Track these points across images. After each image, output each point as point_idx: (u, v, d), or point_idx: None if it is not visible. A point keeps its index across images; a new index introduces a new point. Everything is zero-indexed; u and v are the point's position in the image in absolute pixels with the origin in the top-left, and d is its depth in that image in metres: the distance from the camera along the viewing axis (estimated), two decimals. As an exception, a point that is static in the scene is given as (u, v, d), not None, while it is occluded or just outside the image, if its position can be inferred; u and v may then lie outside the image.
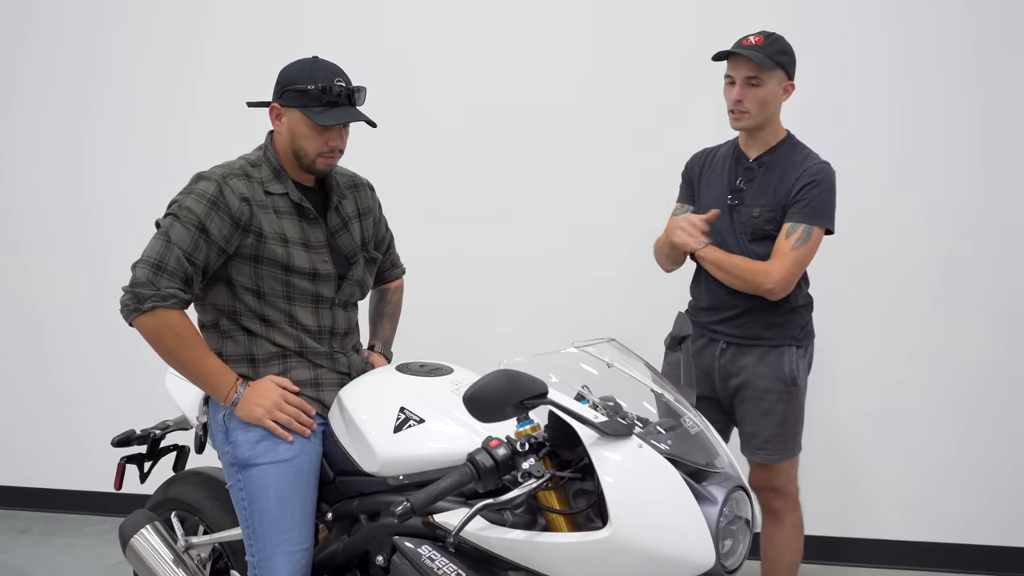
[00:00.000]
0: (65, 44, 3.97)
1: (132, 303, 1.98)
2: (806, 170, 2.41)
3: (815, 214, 2.39)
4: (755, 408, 2.49)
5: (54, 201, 4.04)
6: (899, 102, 3.22)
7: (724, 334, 2.51)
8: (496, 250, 3.57)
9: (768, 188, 2.45)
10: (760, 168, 2.48)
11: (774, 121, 2.48)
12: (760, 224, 2.44)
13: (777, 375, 2.47)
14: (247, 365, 2.13)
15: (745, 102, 2.40)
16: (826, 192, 2.41)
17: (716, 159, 2.59)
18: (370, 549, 1.96)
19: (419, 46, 3.60)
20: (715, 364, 2.53)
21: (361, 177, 2.37)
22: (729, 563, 1.63)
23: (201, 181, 2.06)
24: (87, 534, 3.86)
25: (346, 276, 2.21)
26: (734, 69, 2.42)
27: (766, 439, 2.50)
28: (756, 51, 2.37)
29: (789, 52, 2.44)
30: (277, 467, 2.04)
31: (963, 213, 3.19)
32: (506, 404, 1.54)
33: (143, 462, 2.60)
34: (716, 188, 2.54)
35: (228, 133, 3.44)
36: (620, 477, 1.56)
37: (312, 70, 2.07)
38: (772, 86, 2.40)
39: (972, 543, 3.29)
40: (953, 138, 3.18)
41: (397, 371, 2.14)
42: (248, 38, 3.75)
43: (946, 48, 3.17)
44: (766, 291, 2.40)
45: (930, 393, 3.27)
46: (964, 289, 3.22)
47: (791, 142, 2.51)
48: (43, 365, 4.08)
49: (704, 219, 2.44)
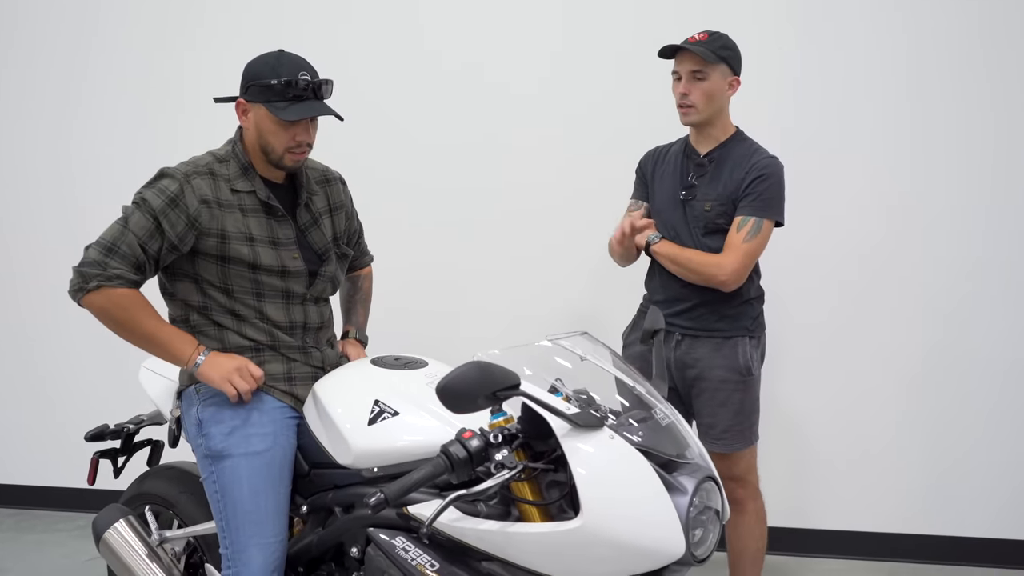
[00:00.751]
0: (51, 44, 3.94)
1: (78, 282, 2.01)
2: (755, 164, 2.48)
3: (765, 207, 2.46)
4: (712, 399, 2.55)
5: (41, 198, 4.01)
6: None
7: (679, 326, 2.56)
8: (470, 253, 3.60)
9: (719, 183, 2.51)
10: (711, 163, 2.54)
11: (723, 117, 2.55)
12: (712, 218, 2.50)
13: (732, 365, 2.53)
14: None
15: (691, 95, 2.47)
16: (775, 185, 2.48)
17: (669, 156, 2.66)
18: (344, 541, 1.97)
19: (412, 41, 3.61)
20: (671, 356, 2.58)
21: (332, 171, 2.36)
22: (699, 552, 1.65)
23: (164, 178, 2.06)
24: (59, 530, 3.83)
25: (318, 272, 2.21)
26: (679, 64, 2.50)
27: (724, 429, 2.55)
28: (699, 46, 2.45)
29: (733, 48, 2.51)
30: (250, 459, 2.05)
31: (899, 202, 3.27)
32: (478, 395, 1.56)
33: (117, 457, 2.58)
34: (668, 184, 2.60)
35: (214, 130, 3.44)
36: (592, 468, 1.58)
37: (276, 64, 2.05)
38: (716, 80, 2.47)
39: (942, 534, 3.35)
40: (923, 130, 3.25)
41: (372, 364, 2.15)
42: (235, 35, 3.74)
43: (919, 36, 3.23)
44: (719, 283, 2.46)
45: (881, 381, 3.33)
46: (910, 277, 3.28)
47: (739, 137, 2.58)
48: (16, 360, 4.04)
49: (641, 224, 2.55)
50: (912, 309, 3.30)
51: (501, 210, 3.55)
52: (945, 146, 3.23)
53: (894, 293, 3.30)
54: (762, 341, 2.64)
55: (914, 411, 3.33)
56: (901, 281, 3.29)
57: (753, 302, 2.59)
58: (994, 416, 3.27)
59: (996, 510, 3.30)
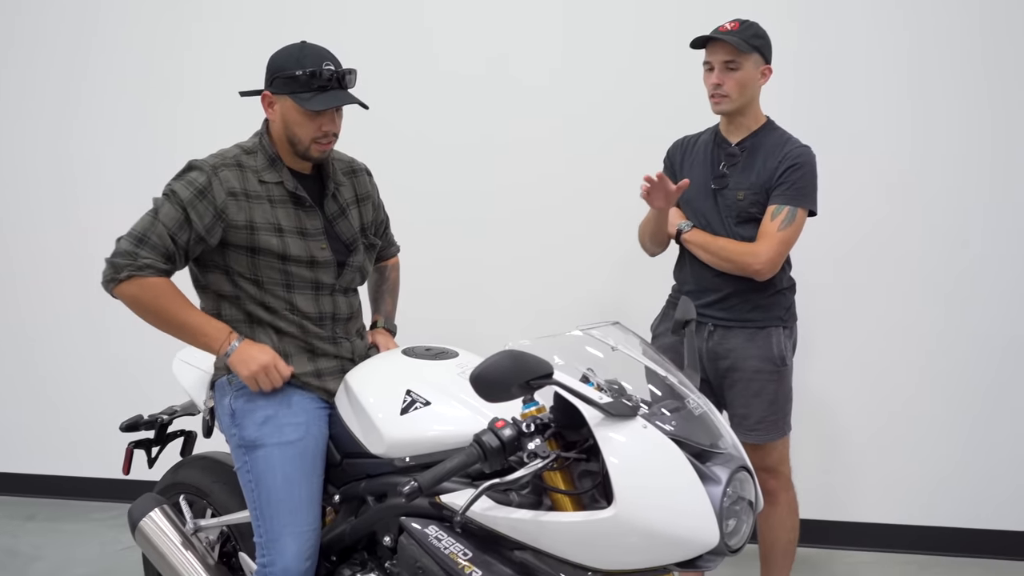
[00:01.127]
0: (51, 43, 3.97)
1: (110, 273, 2.04)
2: (788, 153, 2.47)
3: (799, 196, 2.46)
4: (745, 390, 2.54)
5: (40, 197, 4.07)
6: (902, 94, 3.23)
7: (711, 317, 2.55)
8: (493, 248, 3.60)
9: (751, 172, 2.50)
10: (743, 153, 2.53)
11: (754, 106, 2.54)
12: (745, 207, 2.49)
13: (766, 355, 2.52)
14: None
15: (724, 86, 2.46)
16: (808, 174, 2.48)
17: (697, 146, 2.64)
18: (377, 530, 1.98)
19: (414, 38, 3.62)
20: (703, 347, 2.56)
21: (359, 162, 2.37)
22: (733, 543, 1.64)
23: (193, 170, 2.07)
24: (94, 520, 3.89)
25: (346, 263, 2.22)
26: (712, 55, 2.49)
27: (757, 420, 2.54)
28: (732, 35, 2.44)
29: (764, 36, 2.50)
30: (283, 449, 2.06)
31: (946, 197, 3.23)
32: (512, 384, 1.56)
33: (151, 447, 2.62)
34: (699, 173, 2.58)
35: (215, 124, 3.46)
36: (625, 457, 1.58)
37: (300, 55, 2.06)
38: (749, 69, 2.46)
39: (974, 527, 3.31)
40: (958, 128, 3.21)
41: (403, 354, 2.16)
42: (235, 33, 3.76)
43: (943, 38, 3.19)
44: (753, 272, 2.45)
45: (915, 371, 3.31)
46: (961, 266, 3.24)
47: (771, 127, 2.57)
48: (50, 354, 4.10)
49: (677, 187, 2.46)
50: (950, 297, 3.25)
51: (524, 206, 3.55)
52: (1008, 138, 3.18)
53: (931, 282, 3.26)
54: (794, 331, 2.62)
55: (949, 402, 3.29)
56: (937, 270, 3.26)
57: (786, 292, 2.59)
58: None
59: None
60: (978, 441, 3.28)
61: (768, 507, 2.62)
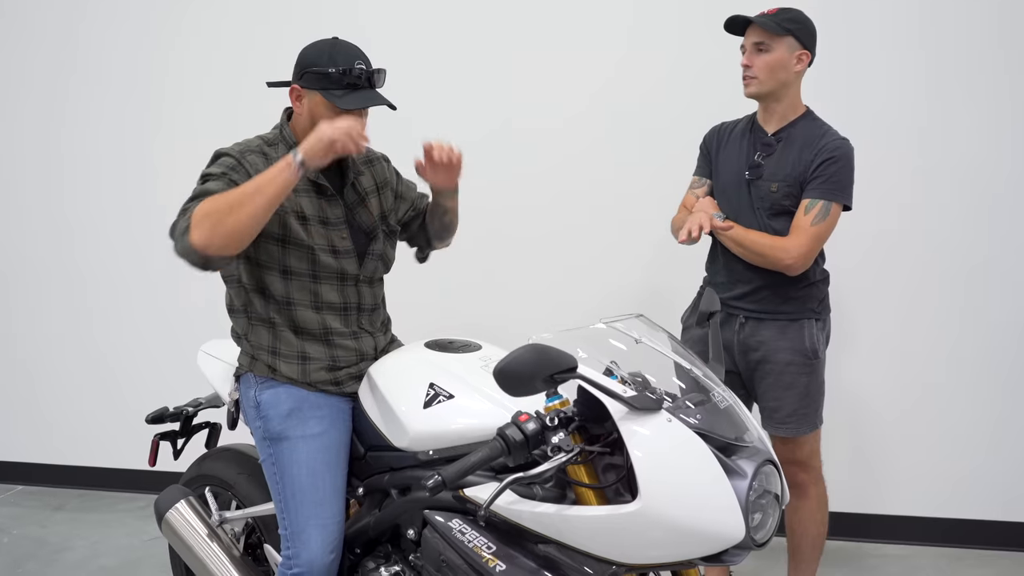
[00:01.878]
0: (38, 40, 3.98)
1: (178, 244, 1.88)
2: (825, 146, 2.41)
3: (834, 190, 2.40)
4: (777, 382, 2.50)
5: (28, 191, 4.10)
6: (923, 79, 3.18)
7: (743, 309, 2.52)
8: (519, 233, 3.57)
9: (787, 163, 2.44)
10: (779, 143, 2.48)
11: (790, 93, 2.47)
12: (779, 199, 2.44)
13: (798, 348, 2.48)
14: (269, 355, 2.15)
15: (753, 67, 2.42)
16: (845, 168, 2.41)
17: (734, 133, 2.60)
18: (401, 523, 1.98)
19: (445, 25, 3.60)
20: (734, 339, 2.53)
21: (375, 151, 2.36)
22: (759, 537, 1.63)
23: (221, 156, 2.07)
24: (121, 511, 3.93)
25: (367, 252, 2.22)
26: (747, 36, 2.46)
27: (788, 413, 2.51)
28: (764, 17, 2.40)
29: (802, 21, 2.43)
30: (308, 441, 2.07)
31: (986, 185, 3.18)
32: (536, 378, 1.55)
33: (176, 439, 2.64)
34: (734, 162, 2.54)
35: (206, 128, 3.46)
36: (650, 451, 1.57)
37: (332, 52, 2.06)
38: (781, 52, 2.40)
39: (1005, 520, 3.28)
40: (977, 111, 3.15)
41: (426, 347, 2.15)
42: (222, 30, 3.77)
43: (975, 28, 3.13)
44: (785, 267, 2.41)
45: (954, 366, 3.26)
46: (990, 258, 3.20)
47: (810, 117, 2.50)
48: (78, 347, 4.15)
49: (721, 227, 2.45)
50: (979, 287, 3.21)
51: (550, 194, 3.53)
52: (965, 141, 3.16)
53: (963, 274, 3.22)
54: (827, 323, 2.59)
55: (979, 393, 3.25)
56: (970, 261, 3.21)
57: (819, 284, 2.54)
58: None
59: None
60: (1009, 432, 3.24)
61: (798, 500, 2.60)
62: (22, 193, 4.11)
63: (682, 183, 2.71)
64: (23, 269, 4.15)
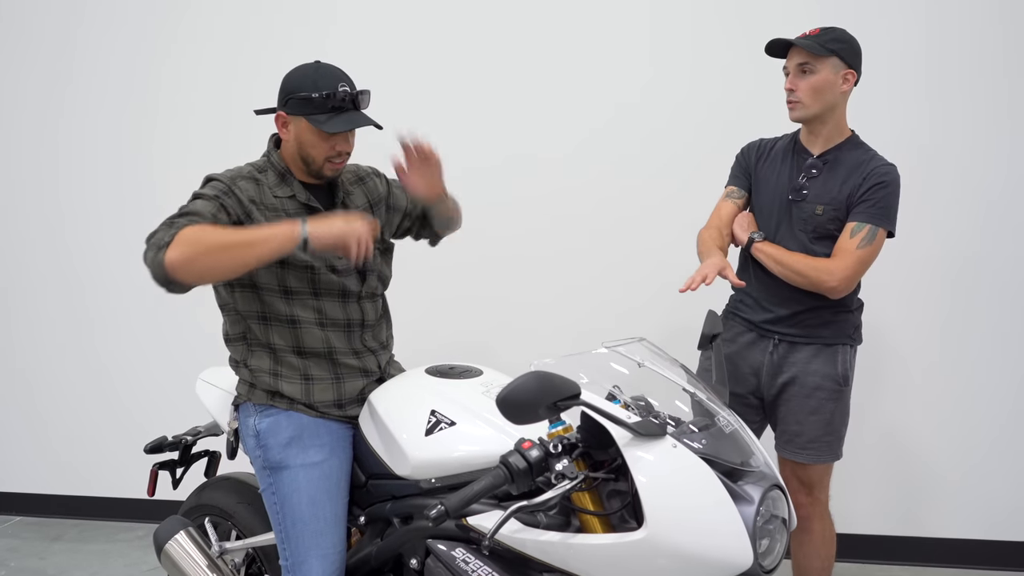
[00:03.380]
0: (35, 48, 3.97)
1: (152, 252, 1.84)
2: (874, 170, 2.35)
3: (881, 215, 2.34)
4: (802, 406, 2.43)
5: (27, 207, 4.07)
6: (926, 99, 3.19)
7: (777, 332, 2.46)
8: (521, 251, 3.56)
9: (833, 186, 2.38)
10: (824, 165, 2.41)
11: (836, 115, 2.41)
12: (823, 222, 2.38)
13: (829, 373, 2.42)
14: (271, 377, 2.14)
15: (798, 91, 2.36)
16: (892, 194, 2.36)
17: (775, 152, 2.53)
18: (403, 552, 1.96)
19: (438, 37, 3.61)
20: (765, 361, 2.47)
21: (363, 167, 2.35)
22: (767, 563, 1.61)
23: (212, 181, 2.06)
24: (120, 540, 3.89)
25: (365, 269, 2.22)
26: (789, 59, 2.39)
27: (811, 439, 2.44)
28: (807, 39, 2.33)
29: (846, 40, 2.36)
30: (308, 470, 2.05)
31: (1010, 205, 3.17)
32: (539, 406, 1.54)
33: (175, 468, 2.62)
34: (776, 183, 2.48)
35: (199, 139, 3.43)
36: (655, 477, 1.55)
37: (315, 76, 2.05)
38: (826, 73, 2.33)
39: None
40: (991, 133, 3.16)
41: (427, 373, 2.14)
42: (216, 42, 3.76)
43: (976, 43, 3.14)
44: (828, 289, 2.34)
45: (976, 389, 3.26)
46: (1007, 281, 3.19)
47: (856, 142, 2.44)
48: (76, 374, 4.12)
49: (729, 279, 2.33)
50: (1006, 301, 3.21)
51: (550, 217, 3.52)
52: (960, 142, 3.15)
53: (988, 299, 3.21)
54: (856, 351, 2.52)
55: (1009, 410, 3.25)
56: (997, 286, 3.20)
57: (856, 312, 2.48)
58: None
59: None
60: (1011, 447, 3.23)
61: (802, 534, 2.53)
62: (19, 201, 4.08)
63: (688, 206, 2.68)
64: (20, 277, 4.14)
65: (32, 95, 3.99)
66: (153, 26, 3.83)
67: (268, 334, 2.13)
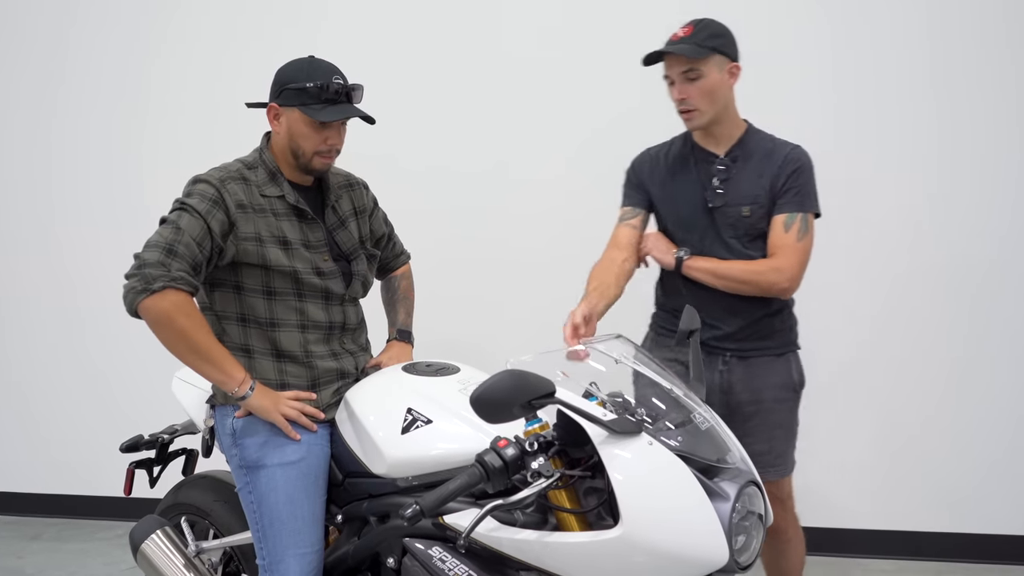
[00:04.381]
0: (28, 45, 3.94)
1: (140, 285, 1.91)
2: (787, 156, 2.26)
3: (805, 200, 2.27)
4: (765, 422, 2.33)
5: (20, 209, 4.04)
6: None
7: (727, 348, 2.33)
8: (503, 248, 3.55)
9: (750, 183, 2.27)
10: (734, 163, 2.30)
11: (730, 111, 2.30)
12: (754, 223, 2.28)
13: (785, 383, 2.35)
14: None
15: (690, 98, 2.22)
16: (809, 175, 2.28)
17: (671, 160, 2.38)
18: (381, 551, 1.95)
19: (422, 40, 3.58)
20: (715, 380, 2.33)
21: (355, 176, 2.37)
22: (743, 559, 1.61)
23: (200, 183, 2.05)
24: (98, 539, 3.87)
25: (351, 272, 2.22)
26: (669, 67, 2.26)
27: (779, 454, 2.35)
28: (683, 43, 2.20)
29: (723, 33, 2.24)
30: (285, 469, 2.04)
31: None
32: (513, 405, 1.53)
33: (152, 467, 2.60)
34: (690, 192, 2.33)
35: (189, 139, 3.43)
36: (631, 475, 1.55)
37: (310, 68, 2.08)
38: (713, 74, 2.21)
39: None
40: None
41: (404, 371, 2.13)
42: (206, 42, 3.75)
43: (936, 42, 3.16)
44: (780, 291, 2.26)
45: (906, 379, 3.28)
46: (976, 270, 3.21)
47: (753, 131, 2.35)
48: (52, 372, 4.08)
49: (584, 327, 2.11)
50: (975, 300, 3.23)
51: (536, 211, 3.51)
52: (971, 144, 3.17)
53: (956, 283, 3.23)
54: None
55: (942, 410, 3.28)
56: (962, 271, 3.23)
57: (791, 310, 2.40)
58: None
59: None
60: (970, 447, 3.26)
61: (779, 543, 2.46)
62: (11, 200, 4.06)
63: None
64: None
65: (24, 95, 3.97)
66: (145, 26, 3.82)
67: (246, 336, 2.11)
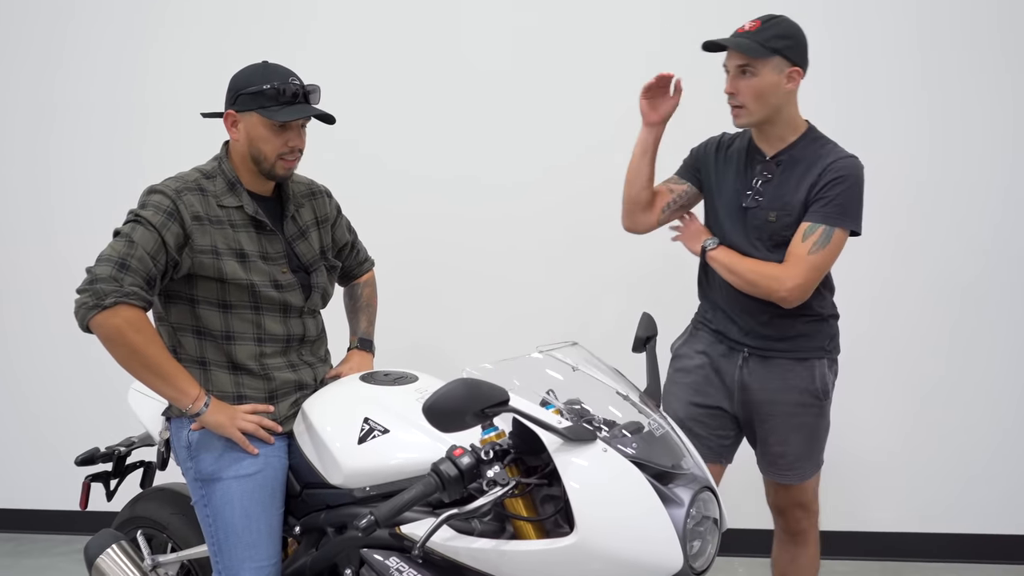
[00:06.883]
0: (27, 39, 3.88)
1: (92, 300, 1.89)
2: (829, 166, 2.16)
3: (837, 214, 2.15)
4: (783, 424, 2.29)
5: (19, 207, 3.97)
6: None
7: (745, 345, 2.30)
8: (471, 255, 3.55)
9: (786, 189, 2.21)
10: (779, 167, 2.23)
11: (785, 114, 2.21)
12: (778, 229, 2.21)
13: (807, 388, 2.27)
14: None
15: (739, 95, 2.17)
16: (851, 190, 2.16)
17: (732, 152, 2.34)
18: (338, 562, 1.93)
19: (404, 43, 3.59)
20: (735, 376, 2.31)
21: (318, 184, 2.34)
22: (698, 564, 1.63)
23: (155, 194, 2.02)
24: (57, 554, 3.80)
25: (308, 285, 2.19)
26: (728, 58, 2.20)
27: (796, 458, 2.31)
28: (745, 38, 2.14)
29: (790, 35, 2.16)
30: (241, 481, 2.02)
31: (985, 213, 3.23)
32: (466, 413, 1.53)
33: (109, 480, 2.56)
34: (730, 186, 2.30)
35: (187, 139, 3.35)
36: (585, 482, 1.55)
37: (265, 72, 2.06)
38: (768, 75, 2.14)
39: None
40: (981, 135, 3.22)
41: (361, 381, 2.12)
42: (207, 43, 3.71)
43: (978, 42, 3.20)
44: (779, 299, 2.19)
45: (893, 382, 3.32)
46: (969, 270, 3.25)
47: (812, 136, 2.25)
48: (7, 382, 4.01)
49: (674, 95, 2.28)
50: (968, 300, 3.27)
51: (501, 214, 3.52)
52: (961, 148, 3.21)
53: (950, 283, 3.27)
54: (836, 362, 2.37)
55: (969, 406, 3.32)
56: (957, 272, 3.27)
57: (829, 320, 2.31)
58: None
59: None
60: (1000, 447, 3.31)
61: (799, 548, 2.44)
62: (11, 200, 3.98)
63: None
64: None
65: (23, 94, 3.90)
66: (140, 25, 3.77)
67: (201, 348, 2.09)
